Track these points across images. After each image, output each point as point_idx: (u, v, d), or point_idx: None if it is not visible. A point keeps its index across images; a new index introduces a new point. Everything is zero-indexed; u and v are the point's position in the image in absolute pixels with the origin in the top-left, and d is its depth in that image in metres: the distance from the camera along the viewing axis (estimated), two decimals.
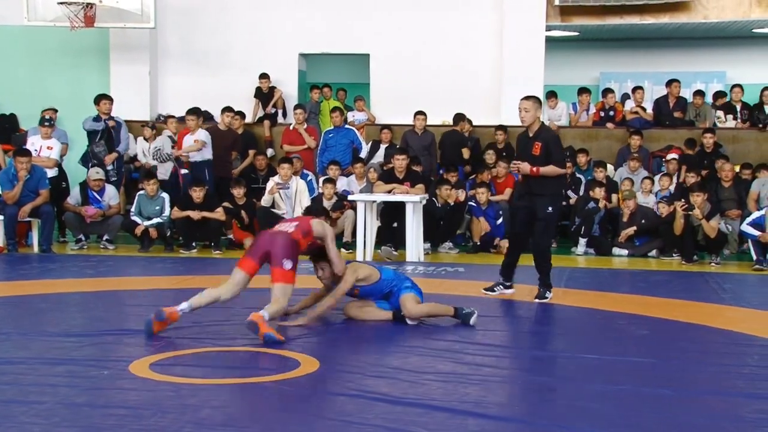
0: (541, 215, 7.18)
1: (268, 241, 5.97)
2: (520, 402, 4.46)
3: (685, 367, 5.24)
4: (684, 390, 4.68)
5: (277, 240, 5.96)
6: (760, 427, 4.08)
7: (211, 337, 5.77)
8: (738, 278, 9.14)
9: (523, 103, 7.24)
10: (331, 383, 4.72)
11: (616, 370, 5.11)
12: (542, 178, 7.15)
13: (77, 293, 7.57)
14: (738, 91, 13.04)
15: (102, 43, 13.79)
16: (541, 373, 5.07)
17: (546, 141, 7.16)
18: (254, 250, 6.06)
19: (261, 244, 6.02)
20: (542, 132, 7.25)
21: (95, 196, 10.64)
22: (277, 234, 6.05)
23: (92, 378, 4.73)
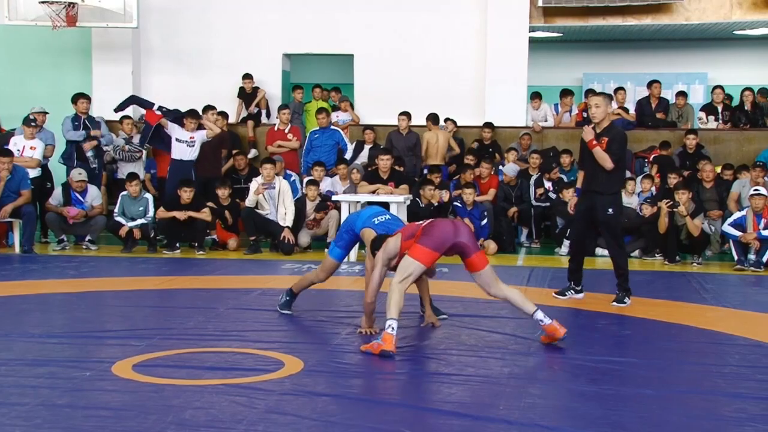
0: (603, 218, 7.12)
1: (453, 233, 5.59)
2: (502, 402, 4.47)
3: (667, 366, 5.27)
4: (665, 389, 4.71)
5: (462, 230, 5.66)
6: (740, 426, 4.12)
7: (194, 338, 5.76)
8: (719, 278, 9.20)
9: (593, 99, 7.15)
10: (315, 384, 4.71)
11: (598, 370, 5.14)
12: (606, 176, 7.06)
13: (59, 294, 7.53)
14: (719, 92, 13.12)
15: (84, 42, 13.73)
16: (523, 373, 5.08)
17: (610, 138, 7.07)
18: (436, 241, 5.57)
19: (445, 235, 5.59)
20: (611, 128, 7.17)
21: (78, 197, 10.59)
22: (459, 225, 5.78)
23: (74, 379, 4.71)
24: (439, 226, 5.63)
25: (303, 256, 10.20)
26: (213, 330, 6.06)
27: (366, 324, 5.91)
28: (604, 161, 7.06)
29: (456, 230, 5.60)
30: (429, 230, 5.59)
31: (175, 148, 11.12)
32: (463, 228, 5.69)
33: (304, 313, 6.81)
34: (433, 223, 5.70)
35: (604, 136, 7.12)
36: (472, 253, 5.60)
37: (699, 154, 11.77)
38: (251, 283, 8.26)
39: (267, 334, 5.95)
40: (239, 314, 6.67)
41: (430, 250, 5.51)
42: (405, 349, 5.49)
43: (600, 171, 7.12)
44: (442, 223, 5.75)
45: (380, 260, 5.77)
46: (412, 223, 6.01)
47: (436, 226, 5.64)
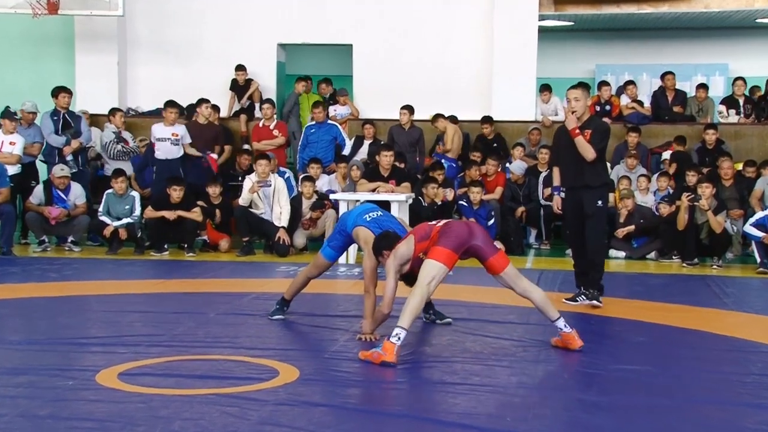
0: (591, 210, 7.20)
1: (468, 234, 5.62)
2: (510, 413, 4.47)
3: (684, 375, 5.28)
4: (682, 400, 4.72)
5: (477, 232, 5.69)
6: None
7: (184, 345, 5.76)
8: (741, 282, 9.20)
9: (573, 92, 7.24)
10: (312, 393, 4.72)
11: (611, 379, 5.14)
12: (592, 169, 7.15)
13: (40, 298, 7.53)
14: (741, 84, 13.10)
15: (66, 31, 13.73)
16: (532, 382, 5.08)
17: (594, 128, 7.19)
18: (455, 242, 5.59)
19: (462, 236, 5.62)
20: (593, 121, 7.30)
21: (60, 195, 10.59)
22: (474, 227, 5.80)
23: (56, 389, 4.71)
24: (456, 228, 5.66)
25: (299, 258, 10.20)
26: (203, 336, 6.07)
27: (368, 329, 5.91)
28: (586, 151, 7.13)
29: (471, 232, 5.61)
30: (446, 231, 5.59)
31: (158, 147, 11.16)
32: (477, 230, 5.71)
33: (300, 318, 6.82)
34: (450, 224, 5.71)
35: (586, 129, 7.20)
36: (490, 255, 5.62)
37: (719, 150, 11.76)
38: (244, 286, 8.26)
39: (261, 340, 5.95)
40: (231, 320, 6.67)
41: (451, 251, 5.51)
42: (406, 356, 5.49)
43: (584, 164, 7.20)
44: (457, 224, 5.77)
45: (392, 268, 5.75)
46: (421, 224, 5.99)
47: (452, 226, 5.66)
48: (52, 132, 11.05)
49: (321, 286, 8.30)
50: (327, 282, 8.59)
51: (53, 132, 11.05)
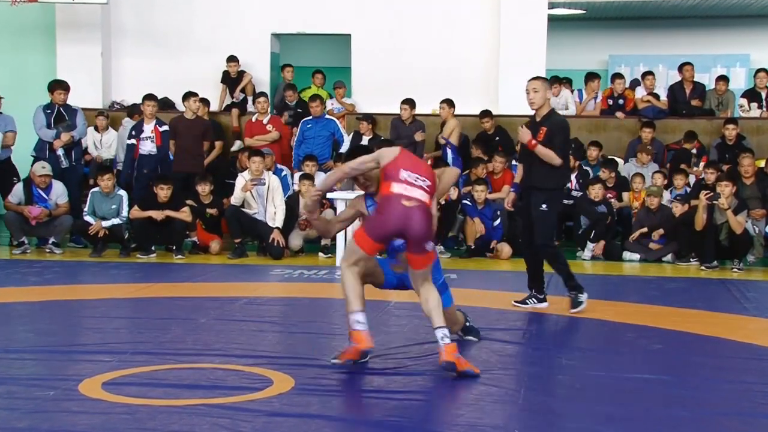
0: (535, 213, 7.21)
1: (405, 219, 5.23)
2: (518, 425, 4.48)
3: (703, 385, 5.28)
4: (700, 411, 4.73)
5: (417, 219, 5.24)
6: None
7: (172, 353, 5.77)
8: (763, 286, 9.20)
9: (531, 83, 7.27)
10: (307, 404, 4.72)
11: (626, 388, 5.15)
12: (544, 170, 7.18)
13: (19, 303, 7.53)
14: (763, 76, 13.08)
15: (47, 20, 13.76)
16: (541, 392, 5.09)
17: (551, 127, 7.21)
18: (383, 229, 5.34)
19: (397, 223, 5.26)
20: (551, 117, 7.31)
21: (41, 194, 10.59)
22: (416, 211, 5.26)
23: (36, 399, 4.72)
24: (388, 213, 5.27)
25: (294, 261, 10.21)
26: (193, 344, 6.07)
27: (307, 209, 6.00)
28: (551, 159, 7.15)
29: (404, 224, 5.23)
30: (378, 212, 5.36)
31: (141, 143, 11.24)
32: (415, 222, 5.22)
33: (295, 324, 6.83)
34: (389, 201, 5.27)
35: (543, 125, 7.20)
36: (413, 252, 5.31)
37: (740, 146, 11.76)
38: (236, 291, 8.27)
39: (253, 348, 5.95)
40: (222, 326, 6.68)
41: (371, 239, 5.32)
42: (407, 364, 5.50)
43: (538, 165, 7.21)
44: (394, 208, 5.26)
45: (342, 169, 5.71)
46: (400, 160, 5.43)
47: (388, 207, 5.27)
48: (44, 126, 11.06)
49: (317, 291, 8.32)
50: (323, 286, 8.60)
51: (44, 126, 11.06)
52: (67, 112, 11.24)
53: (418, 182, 5.32)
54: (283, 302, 8.02)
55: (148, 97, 11.47)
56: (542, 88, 7.25)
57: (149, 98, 11.44)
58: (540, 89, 7.22)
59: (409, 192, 5.27)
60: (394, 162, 5.36)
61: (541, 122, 7.24)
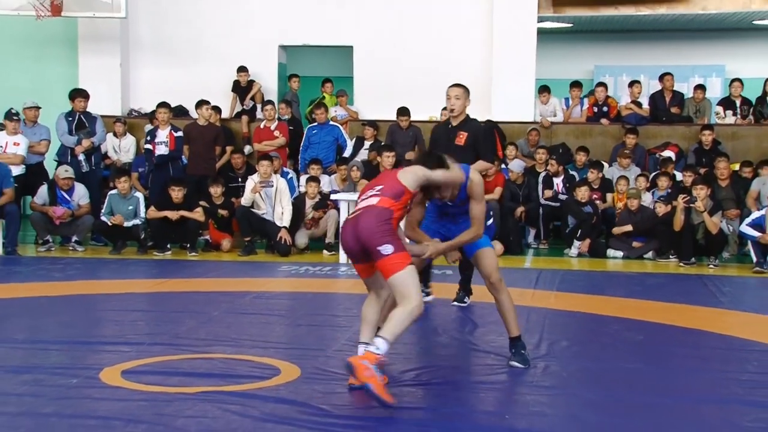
0: None
1: (352, 230, 4.71)
2: (509, 410, 4.48)
3: (682, 374, 5.28)
4: (680, 398, 4.73)
5: (361, 222, 4.68)
6: None
7: (186, 344, 5.77)
8: (737, 281, 9.21)
9: (453, 90, 7.07)
10: (312, 392, 4.72)
11: (610, 377, 5.15)
12: None
13: (44, 297, 7.53)
14: (737, 85, 13.09)
15: (70, 33, 13.74)
16: (531, 381, 5.08)
17: (474, 132, 7.09)
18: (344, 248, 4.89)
19: (347, 239, 4.76)
20: (469, 122, 7.18)
21: (64, 195, 10.59)
22: (360, 215, 4.73)
23: (60, 387, 4.72)
24: (343, 231, 4.84)
25: (300, 258, 10.21)
26: (206, 335, 6.07)
27: None
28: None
29: (353, 236, 4.68)
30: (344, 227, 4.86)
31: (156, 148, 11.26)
32: (362, 230, 4.62)
33: (302, 317, 6.83)
34: (345, 225, 4.84)
35: (462, 130, 7.10)
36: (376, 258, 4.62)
37: (716, 151, 11.76)
38: (246, 286, 8.27)
39: (262, 339, 5.96)
40: (233, 318, 6.68)
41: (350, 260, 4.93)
42: (406, 355, 5.50)
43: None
44: (346, 227, 4.78)
45: None
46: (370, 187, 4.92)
47: (343, 230, 4.84)
48: (65, 132, 11.07)
49: (322, 286, 8.32)
50: (327, 282, 8.60)
51: (66, 132, 11.07)
52: (87, 119, 11.23)
53: (368, 194, 4.80)
54: (289, 297, 8.02)
55: (162, 104, 11.48)
56: (463, 96, 7.09)
57: (162, 106, 11.45)
58: (461, 97, 7.06)
59: (358, 205, 4.82)
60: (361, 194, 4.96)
61: (458, 127, 7.10)
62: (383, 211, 4.66)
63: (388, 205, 4.69)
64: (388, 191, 4.74)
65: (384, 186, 4.79)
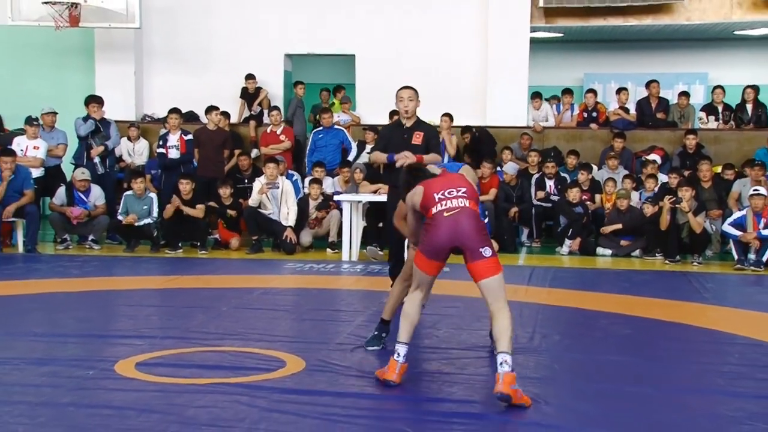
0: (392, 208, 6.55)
1: (452, 229, 4.59)
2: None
3: (667, 365, 5.28)
4: (666, 388, 4.72)
5: (463, 223, 4.60)
6: (739, 424, 4.13)
7: (196, 337, 5.77)
8: (720, 278, 9.20)
9: (407, 92, 6.80)
10: (317, 383, 4.72)
11: (599, 369, 5.15)
12: (397, 170, 6.43)
13: (62, 293, 7.54)
14: (719, 92, 13.10)
15: (87, 43, 13.74)
16: (524, 372, 5.07)
17: (428, 132, 6.95)
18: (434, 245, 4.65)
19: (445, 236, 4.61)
20: (422, 123, 7.03)
21: (81, 196, 10.59)
22: (460, 216, 4.62)
23: (77, 378, 4.72)
24: (439, 227, 4.61)
25: (305, 256, 10.21)
26: (215, 329, 6.07)
27: None
28: (437, 160, 6.72)
29: (455, 233, 4.58)
30: (428, 229, 4.67)
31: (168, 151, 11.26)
32: (466, 227, 4.59)
33: (306, 312, 6.83)
34: (436, 219, 4.63)
35: (418, 130, 6.92)
36: (472, 260, 4.60)
37: (699, 154, 11.76)
38: (253, 282, 8.27)
39: (269, 333, 5.95)
40: (241, 313, 6.68)
41: (427, 258, 4.71)
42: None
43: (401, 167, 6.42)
44: (443, 222, 4.60)
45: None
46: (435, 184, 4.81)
47: (436, 224, 4.62)
48: (82, 124, 11.05)
49: (325, 282, 8.32)
50: (331, 278, 8.60)
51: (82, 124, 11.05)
52: (102, 124, 11.24)
53: (454, 193, 4.70)
54: (295, 293, 8.02)
55: (173, 110, 11.48)
56: (415, 97, 6.83)
57: (173, 111, 11.46)
58: (414, 98, 6.81)
59: (448, 204, 4.66)
60: (425, 195, 4.75)
61: (413, 127, 6.89)
62: (477, 214, 4.69)
63: (476, 209, 4.70)
64: (472, 195, 4.75)
65: (467, 190, 4.75)
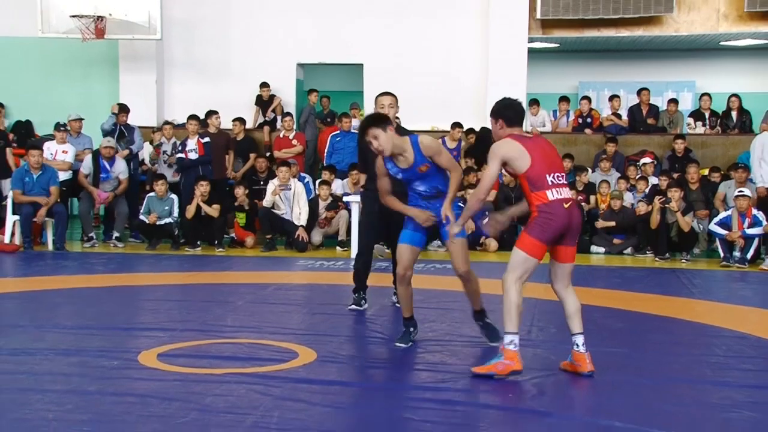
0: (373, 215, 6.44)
1: (567, 218, 4.59)
2: (504, 390, 4.46)
3: (658, 357, 5.27)
4: (656, 378, 4.71)
5: (576, 213, 4.67)
6: (726, 412, 4.12)
7: (214, 330, 5.77)
8: (707, 274, 9.17)
9: (387, 98, 6.33)
10: (327, 373, 4.71)
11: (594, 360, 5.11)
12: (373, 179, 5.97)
13: (89, 288, 7.56)
14: (707, 99, 13.09)
15: (111, 53, 13.77)
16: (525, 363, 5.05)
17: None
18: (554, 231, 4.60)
19: (561, 223, 4.57)
20: (402, 129, 6.52)
21: (106, 165, 10.62)
22: (573, 207, 4.66)
23: (103, 368, 4.73)
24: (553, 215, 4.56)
25: (315, 254, 10.22)
26: (231, 322, 6.08)
27: None
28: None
29: (569, 218, 4.58)
30: (546, 217, 4.56)
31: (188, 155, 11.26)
32: (575, 213, 4.64)
33: (317, 307, 6.83)
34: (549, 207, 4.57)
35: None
36: (568, 243, 4.69)
37: (687, 158, 11.74)
38: (267, 278, 8.27)
39: (282, 326, 5.95)
40: (256, 308, 6.69)
41: (542, 243, 4.62)
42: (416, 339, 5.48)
43: None
44: (556, 210, 4.56)
45: None
46: None
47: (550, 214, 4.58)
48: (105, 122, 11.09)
49: (335, 278, 8.32)
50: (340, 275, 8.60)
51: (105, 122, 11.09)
52: (126, 130, 11.26)
53: (561, 181, 4.64)
54: (306, 288, 8.02)
55: (191, 117, 11.46)
56: (395, 104, 6.49)
57: (192, 118, 11.42)
58: (394, 105, 6.45)
59: (563, 194, 4.61)
60: (534, 169, 4.60)
61: None
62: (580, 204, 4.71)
63: None
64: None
65: (564, 175, 4.73)
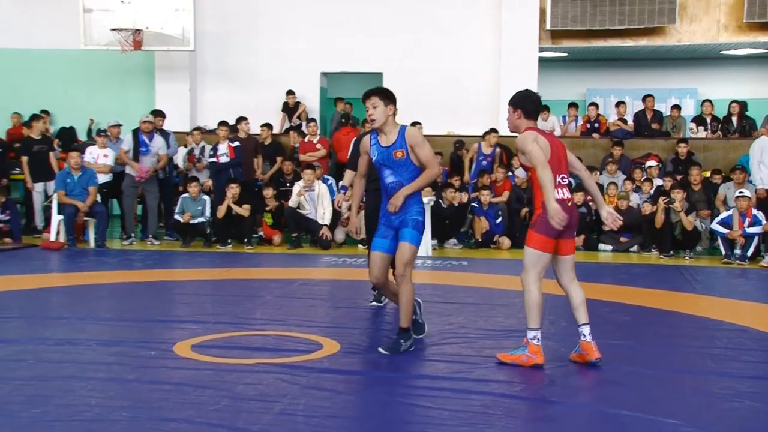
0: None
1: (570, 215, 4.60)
2: (516, 380, 4.46)
3: (662, 349, 5.24)
4: (660, 369, 4.68)
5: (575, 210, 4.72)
6: (727, 401, 4.09)
7: (244, 323, 5.80)
8: (709, 271, 9.10)
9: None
10: (350, 363, 4.73)
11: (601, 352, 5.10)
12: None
13: (128, 283, 7.62)
14: (708, 105, 13.00)
15: (148, 64, 13.87)
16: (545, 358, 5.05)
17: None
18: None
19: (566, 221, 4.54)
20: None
21: (145, 140, 10.62)
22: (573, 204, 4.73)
23: (141, 358, 4.77)
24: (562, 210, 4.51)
25: (338, 251, 10.23)
26: (260, 315, 6.10)
27: None
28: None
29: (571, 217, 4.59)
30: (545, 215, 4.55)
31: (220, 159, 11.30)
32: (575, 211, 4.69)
33: (341, 301, 6.84)
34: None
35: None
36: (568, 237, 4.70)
37: (690, 161, 11.65)
38: (293, 274, 8.30)
39: (307, 319, 5.97)
40: (283, 302, 6.70)
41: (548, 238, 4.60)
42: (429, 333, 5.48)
43: None
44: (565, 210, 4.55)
45: None
46: None
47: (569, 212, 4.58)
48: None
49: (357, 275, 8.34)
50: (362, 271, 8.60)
51: None
52: (162, 135, 11.31)
53: (565, 182, 4.70)
54: (330, 284, 8.04)
55: (222, 123, 11.48)
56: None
57: (222, 124, 11.43)
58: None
59: (566, 194, 4.66)
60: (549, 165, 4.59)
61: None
62: None
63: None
64: None
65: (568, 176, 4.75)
